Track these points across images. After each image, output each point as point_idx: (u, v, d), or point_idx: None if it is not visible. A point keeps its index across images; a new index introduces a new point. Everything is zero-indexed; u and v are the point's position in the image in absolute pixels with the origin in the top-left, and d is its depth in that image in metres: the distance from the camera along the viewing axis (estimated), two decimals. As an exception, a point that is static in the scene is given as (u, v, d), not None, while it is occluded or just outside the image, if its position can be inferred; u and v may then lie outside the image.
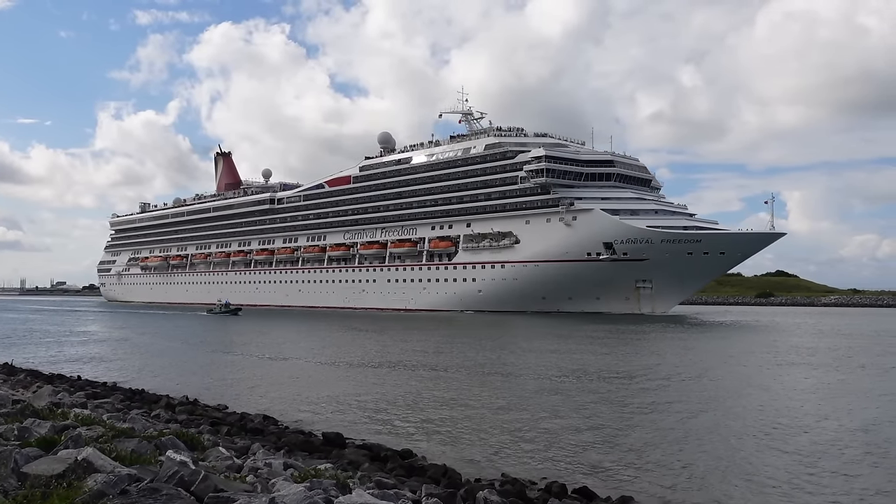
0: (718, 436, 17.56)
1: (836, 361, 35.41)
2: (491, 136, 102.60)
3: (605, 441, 16.81)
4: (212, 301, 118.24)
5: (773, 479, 13.66)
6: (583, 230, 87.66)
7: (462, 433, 17.83)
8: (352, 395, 24.34)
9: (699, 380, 28.48)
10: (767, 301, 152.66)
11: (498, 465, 14.42)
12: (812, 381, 28.25)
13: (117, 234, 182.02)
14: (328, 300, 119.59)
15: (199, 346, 48.13)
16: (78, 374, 28.82)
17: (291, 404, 22.48)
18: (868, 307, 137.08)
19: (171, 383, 27.49)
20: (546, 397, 23.48)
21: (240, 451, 12.64)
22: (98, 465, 7.49)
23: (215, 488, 7.62)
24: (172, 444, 10.18)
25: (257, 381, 28.64)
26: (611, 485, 13.06)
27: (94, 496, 6.68)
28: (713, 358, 37.32)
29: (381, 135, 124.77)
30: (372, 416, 20.33)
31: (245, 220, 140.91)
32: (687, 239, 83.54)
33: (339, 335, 57.29)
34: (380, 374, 30.28)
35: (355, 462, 13.23)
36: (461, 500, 10.12)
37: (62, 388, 22.44)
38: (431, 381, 28.01)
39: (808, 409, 21.66)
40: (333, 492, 8.33)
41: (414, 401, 23.05)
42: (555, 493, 11.74)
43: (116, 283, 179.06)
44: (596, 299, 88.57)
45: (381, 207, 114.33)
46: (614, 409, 21.28)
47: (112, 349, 45.22)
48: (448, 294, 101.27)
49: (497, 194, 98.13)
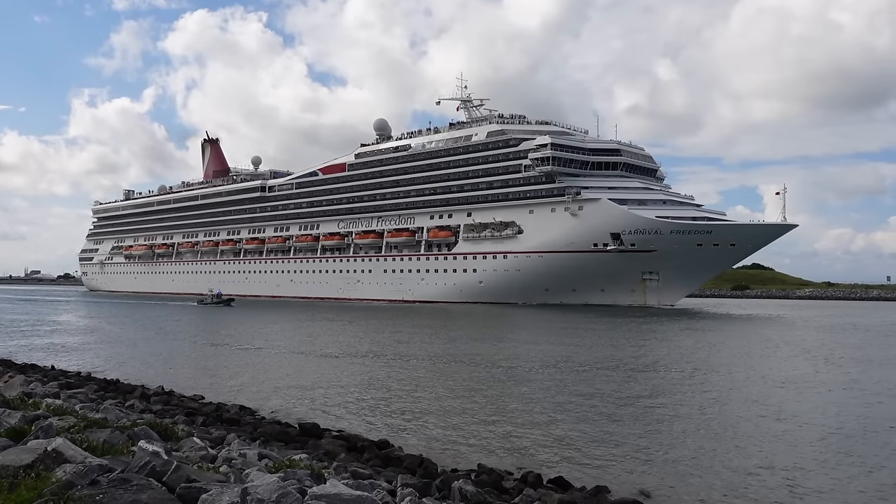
0: (700, 426, 18.15)
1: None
2: (493, 123, 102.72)
3: (581, 432, 17.35)
4: (200, 291, 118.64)
5: (754, 467, 14.21)
6: (589, 220, 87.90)
7: (439, 424, 18.37)
8: (331, 385, 24.89)
9: (690, 371, 29.06)
10: (743, 294, 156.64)
11: (474, 456, 14.86)
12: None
13: (100, 221, 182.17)
14: (321, 291, 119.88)
15: (179, 336, 48.60)
16: (52, 363, 29.22)
17: (269, 395, 22.98)
18: (841, 300, 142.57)
19: (147, 374, 27.94)
20: (524, 389, 24.15)
21: (214, 442, 12.94)
22: (68, 455, 7.65)
23: (187, 479, 7.73)
24: (146, 434, 10.39)
25: (236, 372, 29.20)
26: (586, 474, 13.55)
27: (63, 487, 6.76)
28: (720, 350, 37.62)
29: (378, 121, 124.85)
30: (350, 406, 20.86)
31: (235, 207, 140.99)
32: (697, 230, 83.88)
33: (325, 326, 57.94)
34: (361, 365, 30.97)
35: (331, 452, 13.56)
36: (436, 490, 10.43)
37: (35, 377, 22.75)
38: (412, 372, 28.72)
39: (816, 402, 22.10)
40: (308, 482, 8.51)
41: (393, 391, 23.63)
42: (530, 482, 12.12)
43: (99, 273, 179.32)
44: (601, 291, 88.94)
45: (377, 196, 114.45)
46: (592, 400, 21.82)
47: (89, 339, 45.69)
48: (448, 285, 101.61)
49: (500, 183, 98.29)
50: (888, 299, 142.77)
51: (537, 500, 10.81)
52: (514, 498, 11.03)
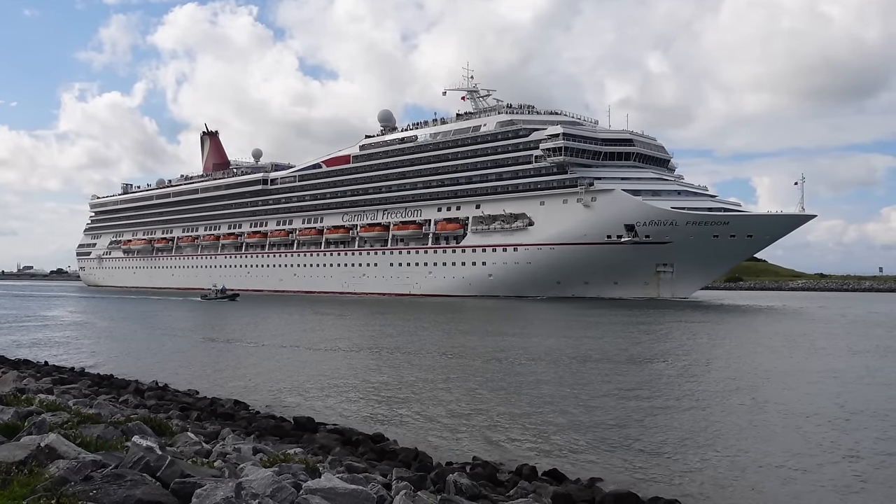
0: (696, 420, 18.36)
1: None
2: (502, 113, 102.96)
3: (577, 424, 17.60)
4: (200, 286, 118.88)
5: (751, 460, 14.43)
6: (603, 211, 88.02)
7: (435, 417, 18.69)
8: (327, 379, 25.22)
9: (698, 365, 29.25)
10: (737, 286, 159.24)
11: (470, 449, 15.14)
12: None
13: (97, 216, 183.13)
14: (326, 285, 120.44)
15: (177, 331, 49.07)
16: (45, 359, 29.60)
17: (264, 389, 23.32)
18: (834, 291, 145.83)
19: (141, 369, 28.30)
20: (521, 383, 24.38)
21: (209, 437, 13.19)
22: (62, 451, 7.74)
23: (182, 474, 7.80)
24: (139, 429, 10.59)
25: (231, 366, 29.63)
26: (581, 467, 13.80)
27: (56, 483, 6.81)
28: (729, 344, 37.69)
29: (382, 112, 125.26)
30: (345, 400, 21.21)
31: (236, 201, 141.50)
32: (714, 221, 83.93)
33: (326, 320, 58.41)
34: (357, 359, 31.40)
35: (326, 446, 13.83)
36: (431, 483, 10.65)
37: (28, 373, 23.02)
38: (408, 366, 29.06)
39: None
40: (302, 476, 8.68)
41: (389, 385, 23.95)
42: (525, 475, 12.37)
43: (97, 268, 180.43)
44: (614, 284, 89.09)
45: (383, 188, 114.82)
46: (587, 393, 22.08)
47: (83, 334, 46.21)
48: (456, 279, 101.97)
49: (510, 174, 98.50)
50: (880, 290, 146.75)
51: (532, 493, 11.00)
52: (510, 490, 11.23)
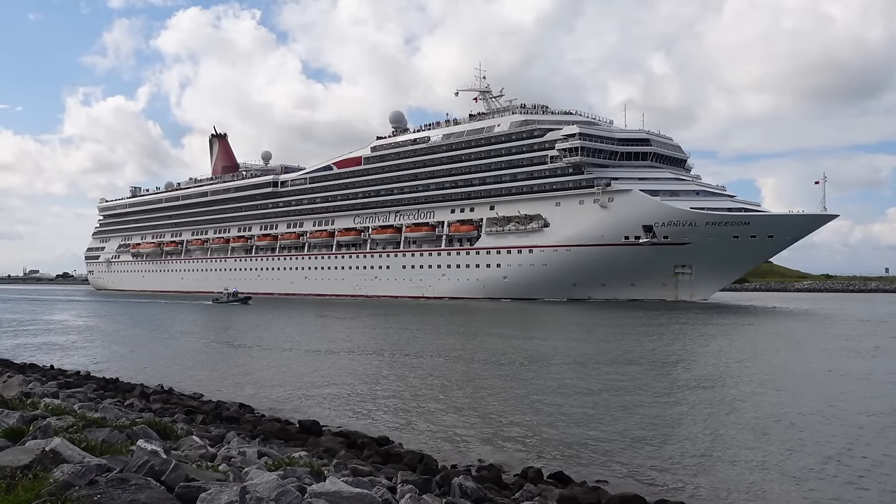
0: (705, 424, 18.32)
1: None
2: (516, 113, 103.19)
3: (581, 427, 17.69)
4: (210, 289, 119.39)
5: (753, 464, 14.40)
6: (620, 212, 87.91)
7: (439, 420, 18.84)
8: (332, 382, 25.45)
9: (707, 367, 29.27)
10: (742, 287, 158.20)
11: (475, 452, 15.29)
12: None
13: (106, 219, 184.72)
14: (337, 288, 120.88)
15: (185, 335, 49.37)
16: (51, 363, 29.98)
17: (269, 392, 23.55)
18: (840, 292, 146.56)
19: (146, 372, 28.60)
20: (526, 385, 24.51)
21: (214, 440, 13.33)
22: (66, 455, 7.85)
23: (186, 477, 7.93)
24: (144, 433, 10.73)
25: (237, 370, 29.93)
26: (586, 469, 13.90)
27: (60, 487, 6.90)
28: (742, 348, 37.58)
29: (394, 114, 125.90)
30: (350, 403, 21.38)
31: (246, 203, 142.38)
32: (734, 221, 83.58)
33: (334, 323, 58.83)
34: (363, 362, 31.63)
35: (331, 449, 13.96)
36: (436, 486, 10.75)
37: (33, 377, 23.34)
38: (414, 368, 29.31)
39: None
40: (307, 479, 8.80)
41: (394, 388, 24.17)
42: (530, 478, 12.47)
43: (106, 271, 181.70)
44: (631, 286, 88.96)
45: (395, 190, 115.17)
46: (593, 396, 22.13)
47: (91, 338, 46.78)
48: (470, 281, 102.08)
49: (524, 174, 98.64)
50: (887, 291, 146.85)
51: (537, 496, 11.10)
52: (515, 493, 11.34)
